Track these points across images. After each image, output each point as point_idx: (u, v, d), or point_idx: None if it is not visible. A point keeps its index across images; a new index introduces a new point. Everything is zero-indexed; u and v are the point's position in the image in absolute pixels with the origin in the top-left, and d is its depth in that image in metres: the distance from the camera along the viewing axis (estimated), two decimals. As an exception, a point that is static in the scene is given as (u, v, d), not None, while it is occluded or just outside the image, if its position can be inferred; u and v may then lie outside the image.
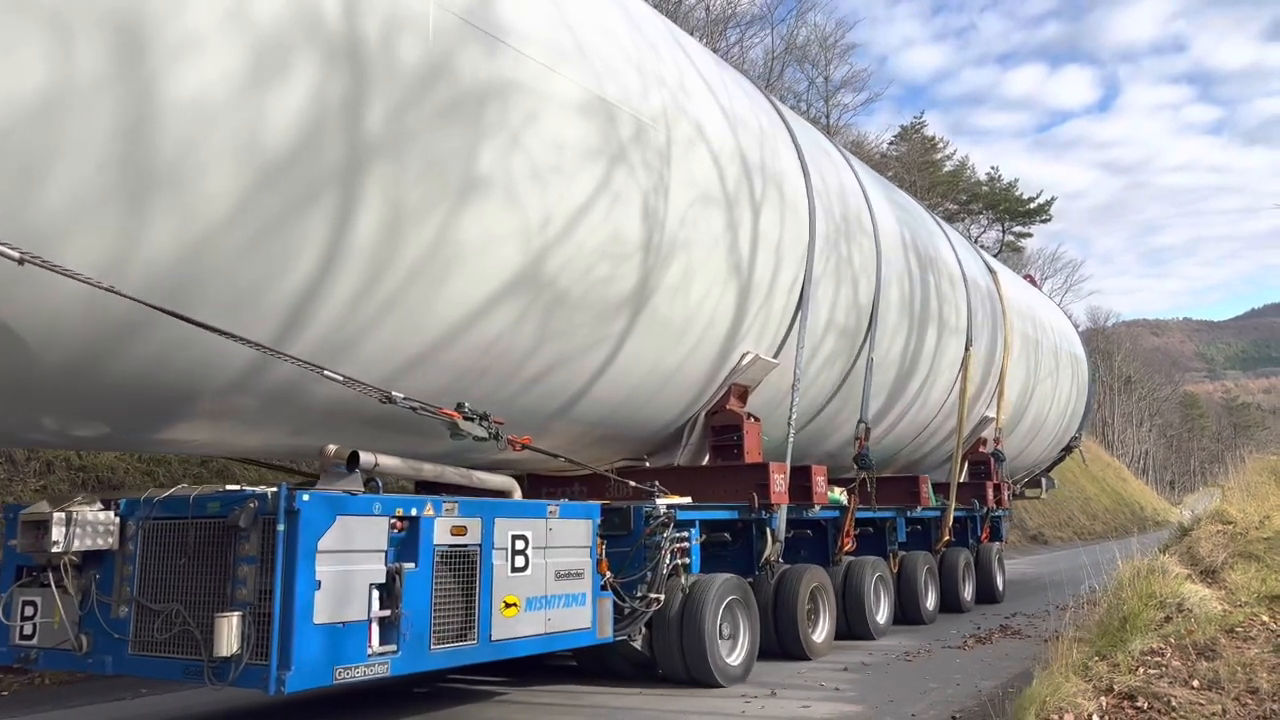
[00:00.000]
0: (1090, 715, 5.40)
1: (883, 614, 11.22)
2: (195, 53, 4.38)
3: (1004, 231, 59.39)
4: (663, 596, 7.52)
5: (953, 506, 13.63)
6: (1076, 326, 22.40)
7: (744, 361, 8.73)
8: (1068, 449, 21.61)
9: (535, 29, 6.25)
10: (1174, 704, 5.47)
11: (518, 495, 7.16)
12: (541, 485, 9.16)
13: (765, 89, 11.49)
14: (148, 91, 4.26)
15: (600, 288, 6.96)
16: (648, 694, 7.75)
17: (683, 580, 7.84)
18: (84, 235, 4.32)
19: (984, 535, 15.32)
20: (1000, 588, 15.36)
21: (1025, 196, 60.20)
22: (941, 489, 14.16)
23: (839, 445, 11.60)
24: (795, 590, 9.30)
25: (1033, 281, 23.31)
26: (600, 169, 6.72)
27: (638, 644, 7.65)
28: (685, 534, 7.87)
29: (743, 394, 8.89)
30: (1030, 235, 61.59)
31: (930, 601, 12.68)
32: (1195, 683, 5.82)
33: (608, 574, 7.18)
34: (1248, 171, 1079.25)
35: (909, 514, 12.69)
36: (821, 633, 9.75)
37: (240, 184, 4.68)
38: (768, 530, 8.84)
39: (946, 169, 56.88)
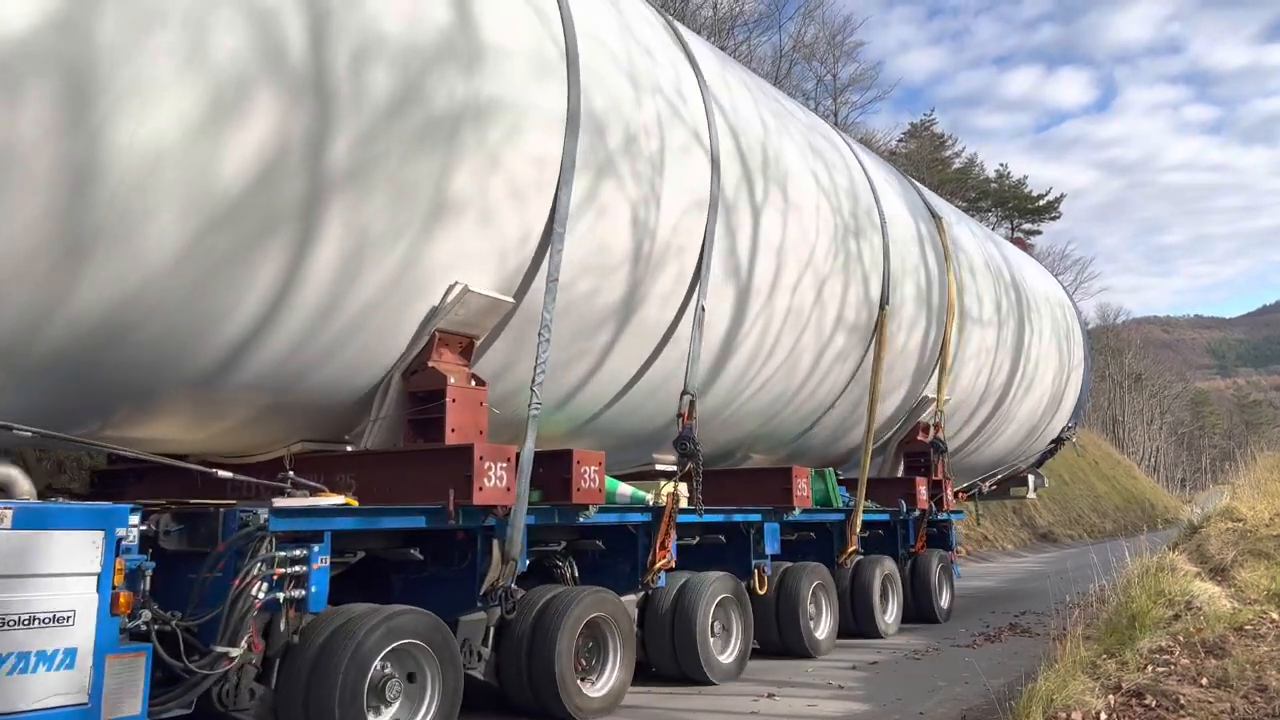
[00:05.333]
0: (1098, 713, 5.40)
1: (732, 648, 8.58)
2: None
3: (1013, 229, 59.27)
4: (238, 651, 4.89)
5: (860, 507, 10.87)
6: (1086, 323, 21.44)
7: (450, 298, 5.98)
8: (1059, 441, 18.56)
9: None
10: (1182, 702, 5.47)
11: (24, 492, 4.85)
12: (262, 473, 6.11)
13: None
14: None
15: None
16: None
17: (284, 624, 5.23)
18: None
19: (919, 543, 12.43)
20: (943, 605, 12.70)
21: (1035, 194, 60.21)
22: (886, 485, 12.15)
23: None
24: (557, 627, 6.63)
25: (1023, 246, 21.15)
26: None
27: (249, 717, 5.19)
28: (301, 552, 5.23)
29: (463, 347, 6.26)
30: (1039, 233, 61.56)
31: (823, 627, 10.07)
32: (1204, 680, 5.82)
33: (145, 614, 4.63)
34: (1248, 170, 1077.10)
35: (786, 517, 9.83)
36: (605, 684, 7.11)
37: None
38: (494, 544, 6.23)
39: (955, 166, 56.89)
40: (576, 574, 7.70)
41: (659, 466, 8.84)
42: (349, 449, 6.42)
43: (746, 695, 7.75)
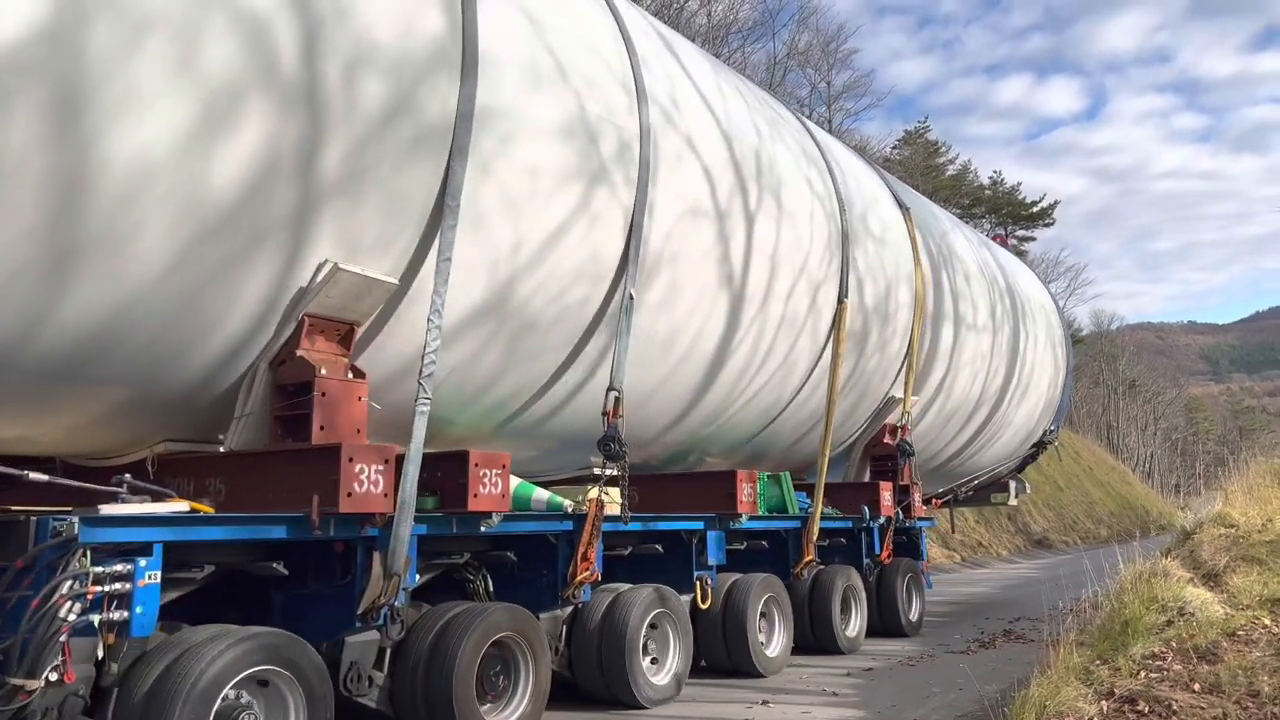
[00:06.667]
0: (1091, 719, 5.41)
1: (667, 669, 7.89)
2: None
3: (1007, 235, 59.45)
4: (36, 684, 4.18)
5: (818, 514, 10.08)
6: (1079, 330, 21.52)
7: (319, 277, 5.28)
8: (1040, 445, 17.82)
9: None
10: (1175, 708, 5.49)
11: None
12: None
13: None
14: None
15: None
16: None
17: (100, 650, 4.49)
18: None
19: (885, 552, 11.58)
20: (912, 618, 11.97)
21: (1028, 201, 60.46)
22: (849, 491, 11.48)
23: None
24: (456, 647, 5.90)
25: (1003, 244, 21.09)
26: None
27: None
28: (124, 567, 4.49)
29: (341, 334, 5.55)
30: (1033, 239, 61.80)
31: (775, 644, 9.34)
32: (1196, 686, 5.84)
33: None
34: (1238, 177, 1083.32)
35: (732, 525, 9.09)
36: (515, 710, 6.43)
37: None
38: (375, 558, 5.47)
39: (949, 173, 57.11)
40: (491, 588, 7.07)
41: (596, 470, 8.00)
42: (223, 448, 5.64)
43: (740, 702, 7.75)
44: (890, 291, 11.13)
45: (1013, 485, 17.40)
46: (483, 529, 6.40)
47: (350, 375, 5.59)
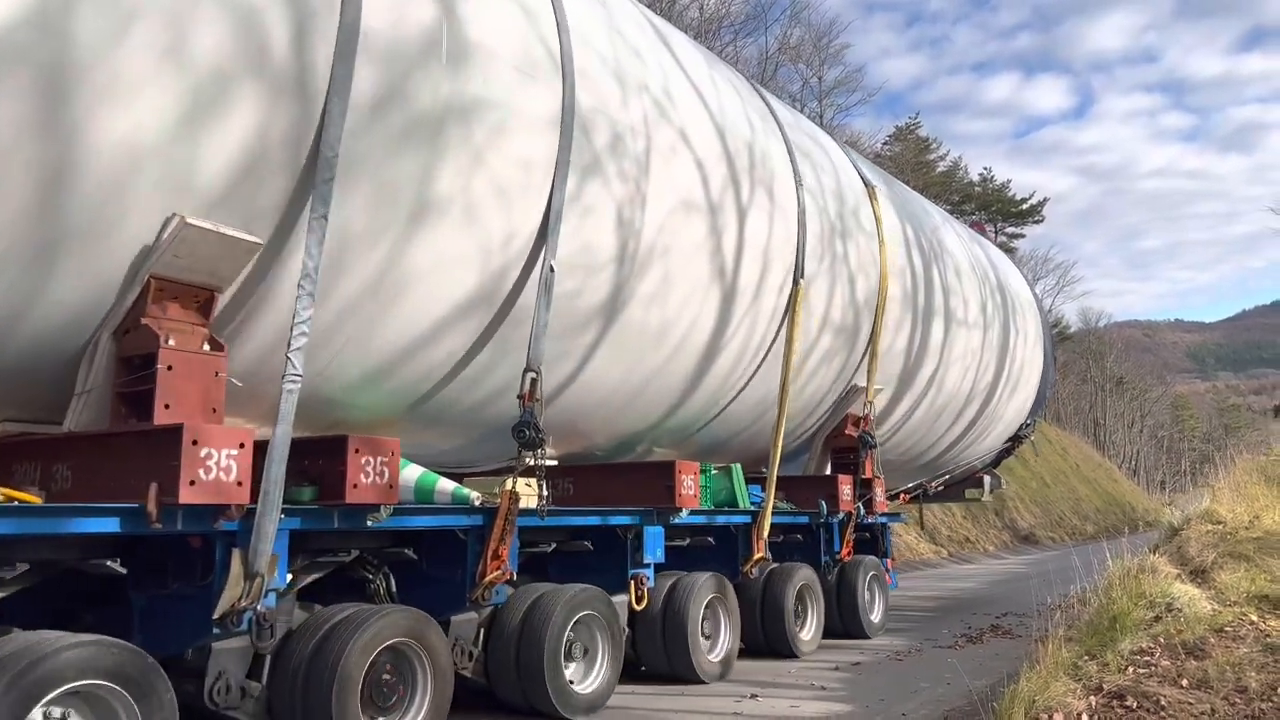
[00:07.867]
0: (1079, 714, 5.42)
1: (594, 676, 7.18)
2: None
3: (996, 233, 59.67)
4: None
5: (769, 508, 9.36)
6: (1067, 328, 21.61)
7: (166, 233, 4.59)
8: (1016, 439, 17.25)
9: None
10: (1163, 703, 5.50)
11: None
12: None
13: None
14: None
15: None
16: None
17: None
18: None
19: (845, 549, 10.94)
20: (874, 619, 11.32)
21: (1018, 198, 60.79)
22: (807, 485, 10.78)
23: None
24: (339, 655, 5.27)
25: (981, 230, 20.67)
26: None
27: None
28: None
29: (200, 301, 4.85)
30: (1023, 236, 62.13)
31: (719, 647, 8.67)
32: (1184, 682, 5.86)
33: None
34: (1225, 177, 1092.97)
35: (673, 520, 8.25)
36: None
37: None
38: (235, 555, 4.78)
39: (940, 169, 57.27)
40: (394, 589, 6.40)
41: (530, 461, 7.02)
42: (69, 428, 4.89)
43: (729, 696, 7.75)
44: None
45: (987, 480, 16.89)
46: (370, 523, 5.66)
47: (207, 347, 4.88)
